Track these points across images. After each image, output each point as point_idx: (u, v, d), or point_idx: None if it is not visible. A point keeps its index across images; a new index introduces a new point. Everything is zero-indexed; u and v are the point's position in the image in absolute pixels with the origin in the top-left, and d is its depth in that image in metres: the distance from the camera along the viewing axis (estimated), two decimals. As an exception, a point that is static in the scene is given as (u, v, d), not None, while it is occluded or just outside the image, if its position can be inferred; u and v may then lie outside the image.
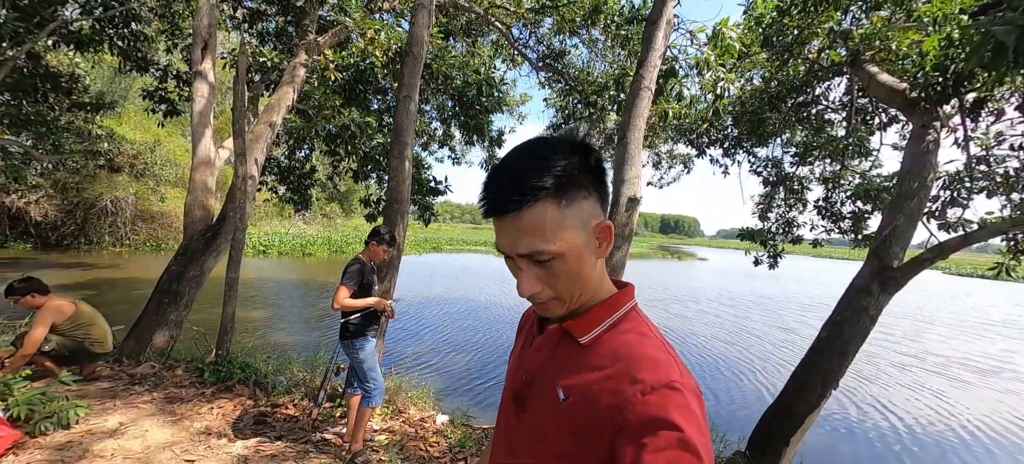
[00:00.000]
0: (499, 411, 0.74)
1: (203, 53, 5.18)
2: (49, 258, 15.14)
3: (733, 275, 26.52)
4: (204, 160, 5.16)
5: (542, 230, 0.54)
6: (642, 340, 0.58)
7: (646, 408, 0.50)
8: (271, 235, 24.27)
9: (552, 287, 0.58)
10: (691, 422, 0.49)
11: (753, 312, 14.49)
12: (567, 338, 0.63)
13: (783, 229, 7.40)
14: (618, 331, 0.60)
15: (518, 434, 0.64)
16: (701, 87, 5.66)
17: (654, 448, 0.47)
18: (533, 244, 0.55)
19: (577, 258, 0.57)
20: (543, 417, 0.60)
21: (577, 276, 0.58)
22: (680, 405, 0.50)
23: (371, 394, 2.74)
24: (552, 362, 0.63)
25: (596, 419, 0.54)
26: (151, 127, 19.59)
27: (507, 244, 0.57)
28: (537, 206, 0.54)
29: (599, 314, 0.62)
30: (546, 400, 0.60)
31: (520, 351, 0.73)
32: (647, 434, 0.48)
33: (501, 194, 0.55)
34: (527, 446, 0.62)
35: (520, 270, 0.58)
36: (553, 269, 0.57)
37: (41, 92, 7.49)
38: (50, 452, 2.38)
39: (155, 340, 4.40)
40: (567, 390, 0.58)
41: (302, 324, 9.35)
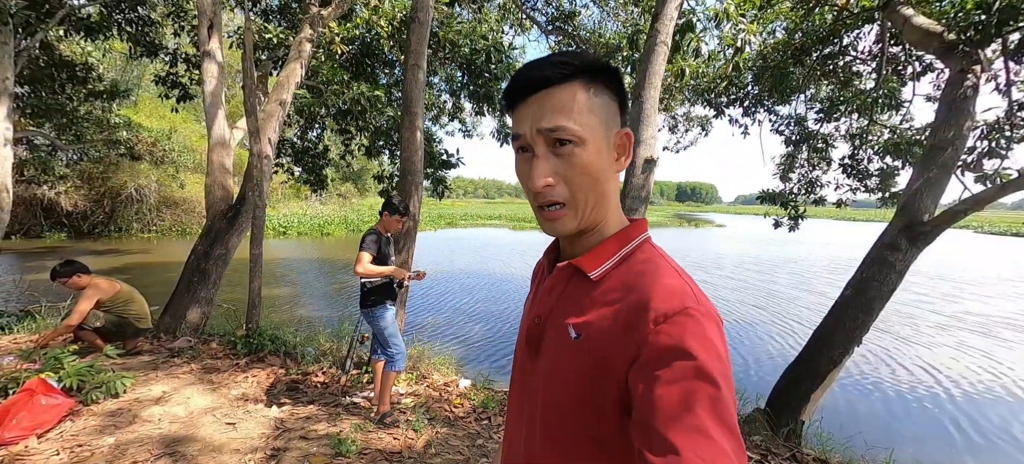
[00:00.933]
0: (514, 357, 0.72)
1: (210, 33, 5.16)
2: (83, 246, 15.81)
3: (755, 240, 26.06)
4: (220, 140, 5.23)
5: (569, 108, 0.53)
6: (655, 270, 0.55)
7: (658, 338, 0.47)
8: (289, 216, 24.78)
9: (567, 183, 0.55)
10: (708, 348, 0.46)
11: (780, 276, 14.33)
12: (577, 275, 0.60)
13: (805, 190, 7.18)
14: (630, 264, 0.58)
15: (533, 377, 0.63)
16: (720, 41, 5.40)
17: (668, 379, 0.44)
18: (557, 119, 0.53)
19: (597, 153, 0.55)
20: (557, 357, 0.58)
21: (594, 179, 0.55)
22: (695, 332, 0.47)
23: (394, 358, 2.82)
24: (563, 301, 0.61)
25: (609, 355, 0.52)
26: (165, 114, 19.88)
27: (529, 121, 0.55)
28: (568, 85, 0.54)
29: (609, 247, 0.59)
30: (559, 340, 0.59)
31: (533, 296, 0.71)
32: (661, 365, 0.46)
33: (533, 71, 0.55)
34: (543, 387, 0.60)
35: (536, 157, 0.55)
36: (572, 159, 0.54)
37: (58, 82, 7.62)
38: (102, 418, 2.55)
39: (189, 317, 4.60)
40: (578, 328, 0.56)
41: (325, 299, 9.63)
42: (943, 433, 4.62)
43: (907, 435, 4.51)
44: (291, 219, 24.04)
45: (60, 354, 2.88)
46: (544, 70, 0.54)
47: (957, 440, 4.49)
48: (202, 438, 2.43)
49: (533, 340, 0.64)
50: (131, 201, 18.02)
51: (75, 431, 2.39)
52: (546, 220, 0.57)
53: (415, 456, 2.43)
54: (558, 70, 0.54)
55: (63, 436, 2.33)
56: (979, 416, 4.99)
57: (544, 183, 0.54)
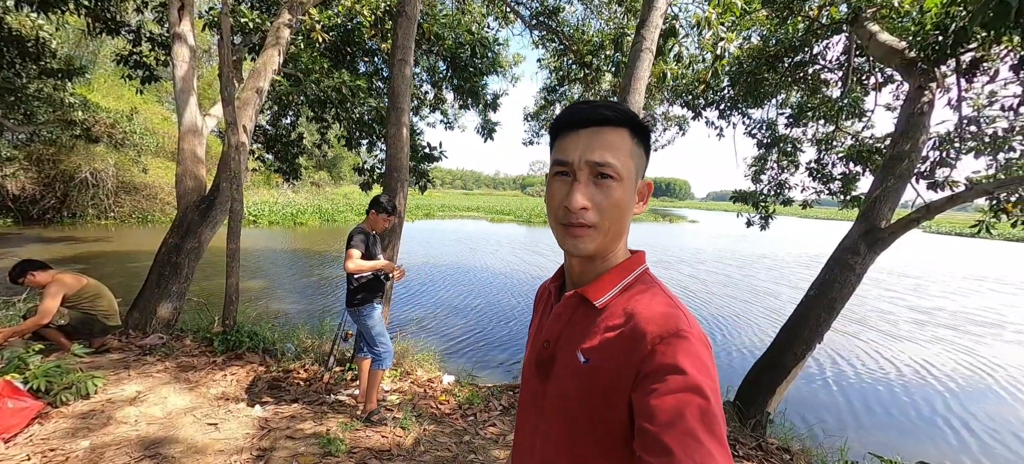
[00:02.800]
0: (522, 383, 0.77)
1: (181, 13, 4.91)
2: (32, 232, 14.79)
3: (730, 237, 27.04)
4: (191, 128, 5.01)
5: (617, 148, 0.61)
6: (652, 298, 0.61)
7: (655, 357, 0.54)
8: (260, 204, 23.90)
9: (599, 210, 0.61)
10: (698, 366, 0.52)
11: (758, 271, 15.01)
12: (583, 303, 0.66)
13: (775, 191, 7.53)
14: (631, 292, 0.64)
15: (543, 400, 0.67)
16: (700, 47, 5.57)
17: (663, 392, 0.51)
18: (606, 155, 0.60)
19: (627, 192, 0.62)
20: (567, 382, 0.63)
21: (621, 214, 0.62)
22: (687, 351, 0.53)
23: (381, 357, 2.83)
24: (571, 328, 0.66)
25: (615, 377, 0.57)
26: (125, 94, 18.73)
27: (580, 152, 0.61)
28: (620, 129, 0.62)
29: (612, 278, 0.65)
30: (568, 365, 0.63)
31: (539, 321, 0.76)
32: (657, 380, 0.52)
33: (597, 109, 0.62)
34: (554, 410, 0.64)
35: (577, 183, 0.61)
36: (609, 192, 0.60)
37: (7, 58, 7.08)
38: (74, 420, 2.46)
39: (160, 312, 4.42)
40: (587, 353, 0.61)
41: (300, 293, 9.41)
42: (900, 420, 5.01)
43: (865, 423, 4.87)
44: (262, 207, 23.21)
45: (24, 354, 2.74)
46: (604, 110, 0.62)
47: (914, 426, 4.88)
48: (183, 439, 2.38)
49: (543, 365, 0.68)
50: (86, 186, 16.93)
51: (45, 435, 2.29)
52: (571, 237, 0.62)
53: (404, 454, 2.46)
54: (614, 113, 0.62)
55: (33, 440, 2.24)
56: (935, 404, 5.42)
57: (581, 205, 0.60)
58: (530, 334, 0.79)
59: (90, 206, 17.26)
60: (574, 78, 8.93)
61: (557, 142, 0.64)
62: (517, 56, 11.73)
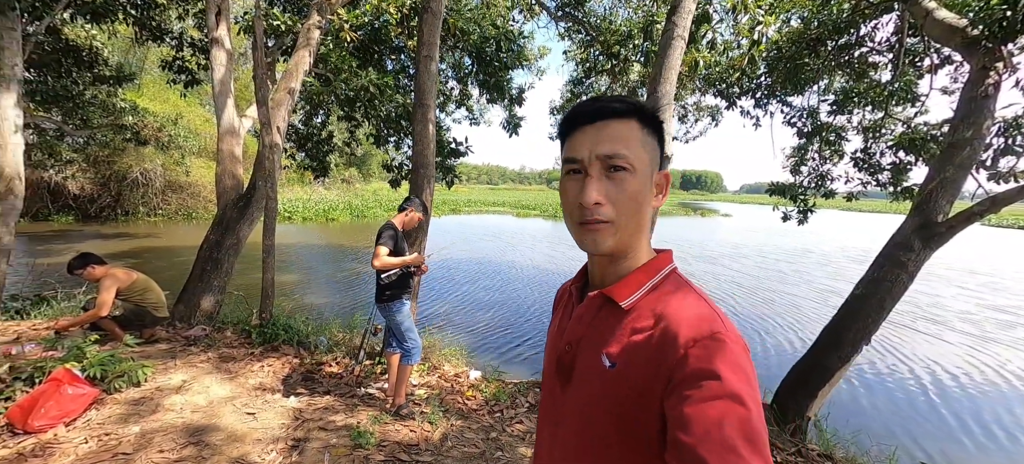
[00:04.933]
0: (543, 386, 0.74)
1: (218, 19, 5.11)
2: (91, 229, 15.95)
3: (768, 231, 26.00)
4: (229, 129, 5.23)
5: (626, 139, 0.59)
6: (683, 298, 0.58)
7: (689, 362, 0.50)
8: (294, 201, 24.82)
9: (614, 204, 0.58)
10: (736, 371, 0.49)
11: (810, 267, 14.44)
12: (608, 304, 0.63)
13: (816, 183, 7.12)
14: (659, 293, 0.60)
15: (564, 405, 0.64)
16: (735, 32, 5.31)
17: (699, 399, 0.47)
18: (615, 148, 0.58)
19: (644, 184, 0.59)
20: (590, 386, 0.60)
21: (638, 206, 0.59)
22: (724, 356, 0.50)
23: (410, 353, 2.87)
24: (594, 330, 0.63)
25: (645, 382, 0.54)
26: (170, 98, 19.79)
27: (589, 147, 0.59)
28: (627, 120, 0.60)
29: (638, 277, 0.62)
30: (592, 369, 0.60)
31: (560, 323, 0.73)
32: (692, 386, 0.48)
33: (601, 103, 0.61)
34: (577, 416, 0.62)
35: (590, 178, 0.59)
36: (623, 184, 0.58)
37: (64, 67, 7.59)
38: (126, 407, 2.61)
39: (202, 305, 4.66)
40: (612, 357, 0.58)
41: (333, 286, 9.72)
42: (952, 429, 4.66)
43: (915, 431, 4.55)
44: (296, 204, 24.09)
45: (82, 344, 2.94)
46: (610, 103, 0.60)
47: (966, 436, 4.53)
48: (224, 427, 2.49)
49: (564, 368, 0.65)
50: (137, 185, 18.08)
51: (101, 420, 2.45)
52: (588, 232, 0.59)
53: (432, 449, 2.48)
54: (621, 105, 0.60)
55: (90, 425, 2.39)
56: (991, 413, 5.02)
57: (595, 201, 0.58)
58: (549, 337, 0.76)
59: (141, 204, 18.42)
60: (601, 70, 8.74)
61: (566, 141, 0.63)
62: (543, 49, 11.57)
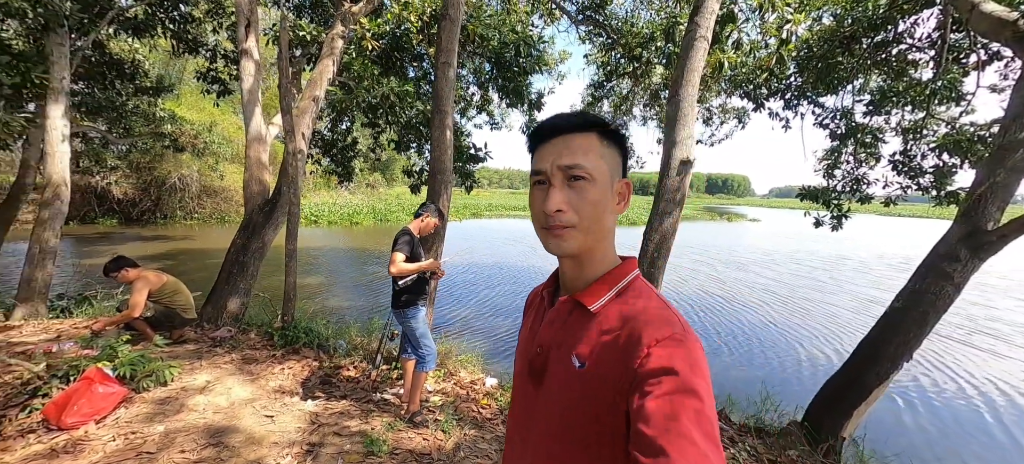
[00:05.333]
0: (514, 388, 0.78)
1: (247, 31, 5.30)
2: (132, 232, 16.83)
3: (801, 237, 25.04)
4: (256, 136, 5.40)
5: (586, 151, 0.64)
6: (646, 302, 0.63)
7: (651, 360, 0.55)
8: (320, 205, 25.54)
9: (576, 210, 0.63)
10: (692, 367, 0.53)
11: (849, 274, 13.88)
12: (578, 308, 0.67)
13: (851, 187, 6.77)
14: (624, 297, 0.65)
15: (536, 405, 0.68)
16: (762, 32, 5.12)
17: (657, 393, 0.52)
18: (576, 158, 0.63)
19: (603, 193, 0.64)
20: (561, 386, 0.64)
21: (600, 213, 0.64)
22: (682, 354, 0.54)
23: (425, 359, 2.86)
24: (565, 332, 0.67)
25: (612, 380, 0.58)
26: (206, 106, 20.72)
27: (551, 158, 0.65)
28: (587, 133, 0.65)
29: (606, 283, 0.67)
30: (562, 369, 0.64)
31: (531, 326, 0.77)
32: (652, 383, 0.53)
33: (562, 119, 0.66)
34: (548, 416, 0.65)
35: (552, 187, 0.64)
36: (583, 192, 0.63)
37: (108, 79, 8.04)
38: (153, 406, 2.70)
39: (229, 307, 4.80)
40: (582, 358, 0.62)
41: (355, 289, 9.90)
42: (1009, 454, 4.31)
43: (966, 453, 4.23)
44: (322, 208, 24.78)
45: (115, 343, 3.06)
46: (570, 119, 0.66)
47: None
48: (243, 429, 2.54)
49: (536, 370, 0.69)
50: (175, 190, 19.00)
51: (129, 418, 2.54)
52: (553, 237, 0.65)
53: (444, 458, 2.46)
54: (581, 119, 0.66)
55: (118, 423, 2.48)
56: None
57: (557, 208, 0.63)
58: (521, 340, 0.80)
59: (178, 208, 19.34)
60: (623, 73, 8.61)
61: (533, 155, 0.68)
62: (563, 53, 11.53)
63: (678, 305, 8.59)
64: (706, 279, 12.45)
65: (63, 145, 5.30)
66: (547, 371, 0.67)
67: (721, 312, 9.11)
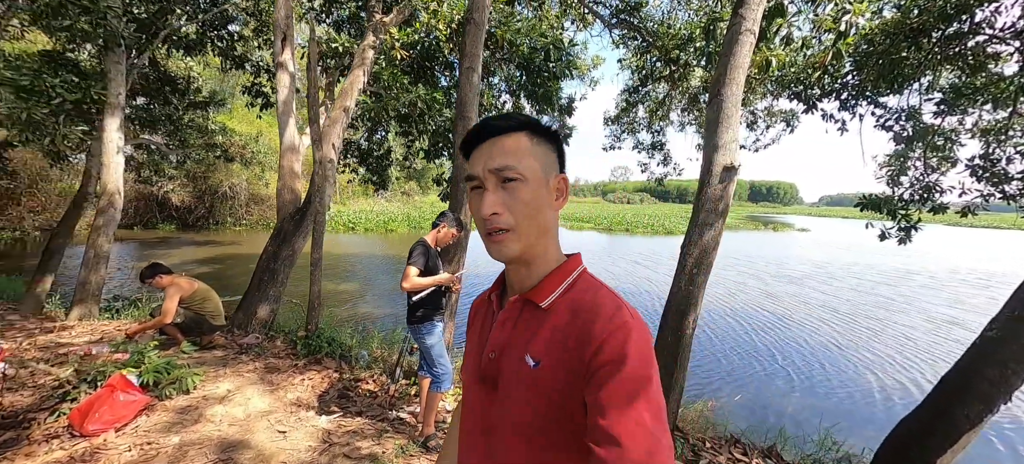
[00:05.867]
0: (463, 399, 0.77)
1: (283, 45, 5.45)
2: (188, 236, 18.00)
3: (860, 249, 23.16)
4: (290, 146, 5.52)
5: (515, 151, 0.64)
6: (595, 295, 0.64)
7: (603, 351, 0.56)
8: (358, 213, 26.37)
9: (512, 212, 0.63)
10: (642, 355, 0.56)
11: (920, 292, 12.66)
12: (529, 306, 0.68)
13: (921, 195, 6.06)
14: (573, 292, 0.66)
15: (492, 412, 0.67)
16: (816, 26, 4.68)
17: (610, 383, 0.54)
18: (506, 160, 0.63)
19: (537, 190, 0.64)
20: (517, 387, 0.63)
21: (535, 211, 0.64)
22: (631, 343, 0.56)
23: (440, 379, 2.70)
24: (517, 333, 0.67)
25: (566, 375, 0.59)
26: (253, 119, 22.00)
27: (482, 164, 0.64)
28: (514, 134, 0.65)
29: (554, 279, 0.67)
30: (517, 371, 0.64)
31: (479, 334, 0.77)
32: (605, 373, 0.55)
33: (488, 123, 0.66)
34: (506, 420, 0.64)
35: (486, 191, 0.64)
36: (516, 193, 0.63)
37: (164, 95, 8.60)
38: (172, 415, 2.70)
39: (259, 313, 4.89)
40: (536, 355, 0.63)
41: (385, 296, 10.00)
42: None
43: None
44: (359, 215, 25.57)
45: (145, 349, 3.11)
46: (497, 122, 0.65)
47: None
48: (255, 445, 2.47)
49: (489, 377, 0.68)
50: (226, 198, 20.21)
51: (147, 427, 2.54)
52: (493, 244, 0.65)
53: (457, 489, 2.27)
54: (508, 122, 0.65)
55: (137, 432, 2.48)
56: None
57: (492, 211, 0.63)
58: (468, 348, 0.79)
59: (228, 215, 20.54)
60: (659, 76, 8.25)
61: (468, 161, 0.68)
62: (596, 58, 11.26)
63: (728, 321, 7.91)
64: (757, 294, 11.64)
65: (118, 156, 5.64)
66: (502, 375, 0.66)
67: (777, 331, 8.44)
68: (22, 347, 3.59)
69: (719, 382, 6.17)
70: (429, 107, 6.18)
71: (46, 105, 4.89)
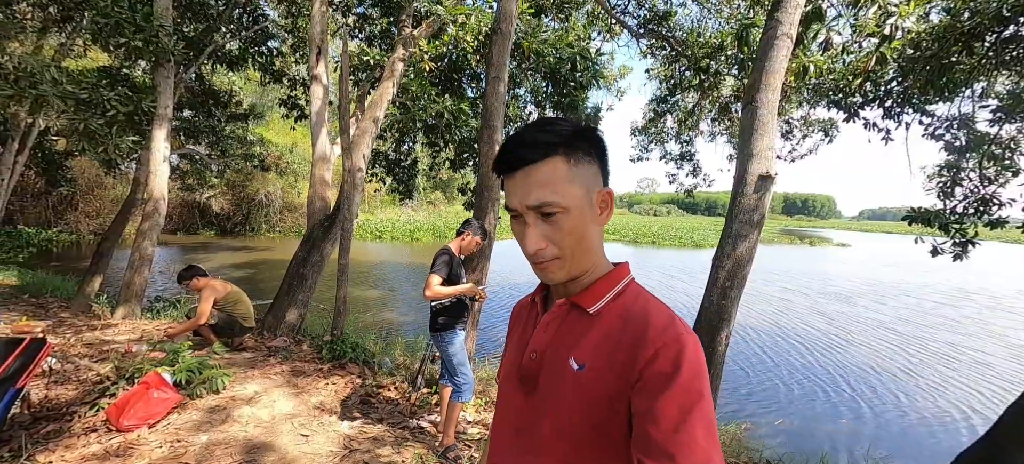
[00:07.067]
0: (499, 400, 0.76)
1: (317, 58, 5.66)
2: (226, 242, 18.85)
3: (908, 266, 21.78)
4: (322, 156, 5.69)
5: (553, 183, 0.59)
6: (646, 305, 0.62)
7: (656, 363, 0.55)
8: (386, 222, 26.96)
9: (556, 244, 0.61)
10: (696, 370, 0.54)
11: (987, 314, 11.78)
12: (575, 310, 0.66)
13: (977, 208, 5.62)
14: (623, 300, 0.64)
15: (529, 415, 0.66)
16: (858, 30, 4.46)
17: (664, 397, 0.52)
18: (543, 195, 0.59)
19: (581, 217, 0.61)
20: (559, 391, 0.62)
21: (580, 237, 0.61)
22: (685, 357, 0.54)
23: (461, 389, 2.66)
24: (561, 336, 0.66)
25: (614, 383, 0.58)
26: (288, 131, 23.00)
27: (519, 199, 0.61)
28: (549, 161, 0.60)
29: (603, 286, 0.65)
30: (560, 373, 0.63)
31: (520, 337, 0.75)
32: (659, 386, 0.53)
33: (518, 150, 0.60)
34: (544, 423, 0.63)
35: (527, 226, 0.61)
36: (559, 224, 0.60)
37: (207, 108, 9.09)
38: (202, 414, 2.77)
39: (288, 317, 5.02)
40: (581, 360, 0.61)
41: (410, 303, 10.10)
42: None
43: None
44: (387, 224, 26.14)
45: (179, 348, 3.23)
46: (527, 151, 0.60)
47: None
48: (278, 448, 2.50)
49: (529, 379, 0.67)
50: (261, 205, 21.10)
51: (178, 425, 2.61)
52: (540, 270, 0.64)
53: (476, 503, 2.22)
54: (540, 151, 0.60)
55: (168, 429, 2.56)
56: None
57: (537, 248, 0.61)
58: (507, 349, 0.78)
59: (263, 221, 21.41)
60: (688, 86, 8.08)
61: (504, 185, 0.65)
62: (623, 69, 11.16)
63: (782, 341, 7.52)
64: (806, 311, 11.09)
65: (164, 165, 5.97)
66: (542, 376, 0.66)
67: (838, 353, 7.95)
68: (69, 343, 3.81)
69: (770, 403, 5.88)
70: (455, 118, 6.26)
71: (102, 116, 5.24)
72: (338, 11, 7.77)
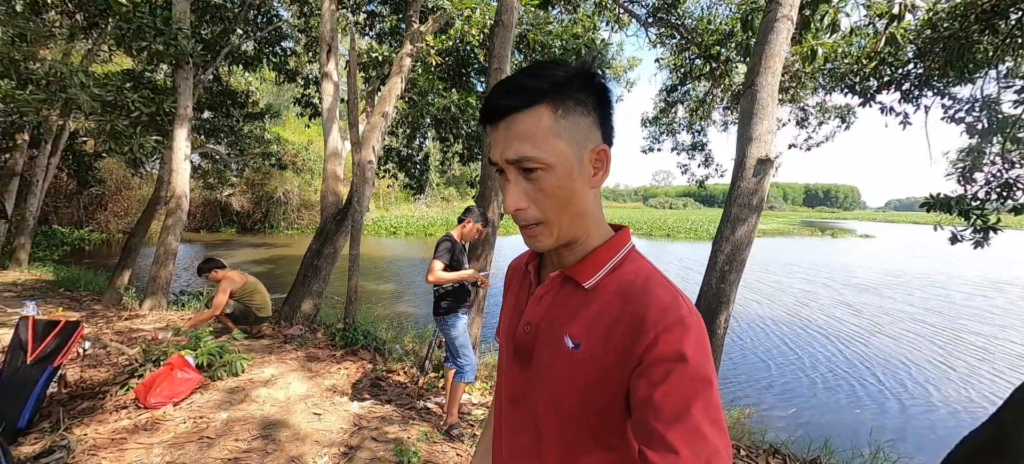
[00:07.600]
0: (499, 364, 0.73)
1: (328, 56, 5.81)
2: (246, 239, 19.43)
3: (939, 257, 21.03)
4: (333, 152, 5.86)
5: (534, 135, 0.53)
6: (647, 280, 0.57)
7: (657, 345, 0.51)
8: (400, 218, 27.37)
9: (539, 206, 0.56)
10: (701, 353, 0.50)
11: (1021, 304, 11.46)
12: (569, 283, 0.62)
13: (999, 194, 5.44)
14: (621, 273, 0.60)
15: (524, 386, 0.64)
16: (867, 11, 4.36)
17: (668, 383, 0.49)
18: (522, 149, 0.54)
19: (567, 175, 0.55)
20: (554, 367, 0.59)
21: (566, 199, 0.56)
22: (689, 339, 0.51)
23: (464, 370, 2.76)
24: (555, 310, 0.62)
25: (612, 364, 0.54)
26: (303, 129, 23.41)
27: (500, 151, 0.56)
28: (532, 110, 0.54)
29: (600, 257, 0.61)
30: (555, 350, 0.60)
31: (515, 303, 0.71)
32: (661, 370, 0.50)
33: (502, 98, 0.55)
34: (538, 396, 0.61)
35: (509, 182, 0.57)
36: (541, 184, 0.55)
37: (226, 108, 9.39)
38: (222, 394, 2.94)
39: (303, 307, 5.21)
40: (576, 338, 0.58)
41: (421, 295, 10.29)
42: None
43: None
44: (400, 221, 26.52)
45: (201, 334, 3.42)
46: (509, 98, 0.54)
47: None
48: (292, 425, 2.64)
49: (523, 350, 0.64)
50: (279, 203, 21.64)
51: (201, 403, 2.78)
52: (529, 238, 0.59)
53: (477, 477, 2.32)
54: (523, 96, 0.54)
55: (192, 406, 2.73)
56: None
57: (516, 206, 0.56)
58: (504, 315, 0.74)
59: (281, 219, 21.97)
60: (698, 74, 7.98)
61: (487, 136, 0.57)
62: (633, 60, 11.07)
63: (807, 333, 7.44)
64: (831, 303, 10.93)
65: (185, 163, 6.22)
66: (536, 351, 0.62)
67: (868, 346, 7.83)
68: (102, 331, 4.05)
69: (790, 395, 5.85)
70: (462, 111, 6.34)
71: (127, 117, 5.50)
72: (348, 9, 7.91)
